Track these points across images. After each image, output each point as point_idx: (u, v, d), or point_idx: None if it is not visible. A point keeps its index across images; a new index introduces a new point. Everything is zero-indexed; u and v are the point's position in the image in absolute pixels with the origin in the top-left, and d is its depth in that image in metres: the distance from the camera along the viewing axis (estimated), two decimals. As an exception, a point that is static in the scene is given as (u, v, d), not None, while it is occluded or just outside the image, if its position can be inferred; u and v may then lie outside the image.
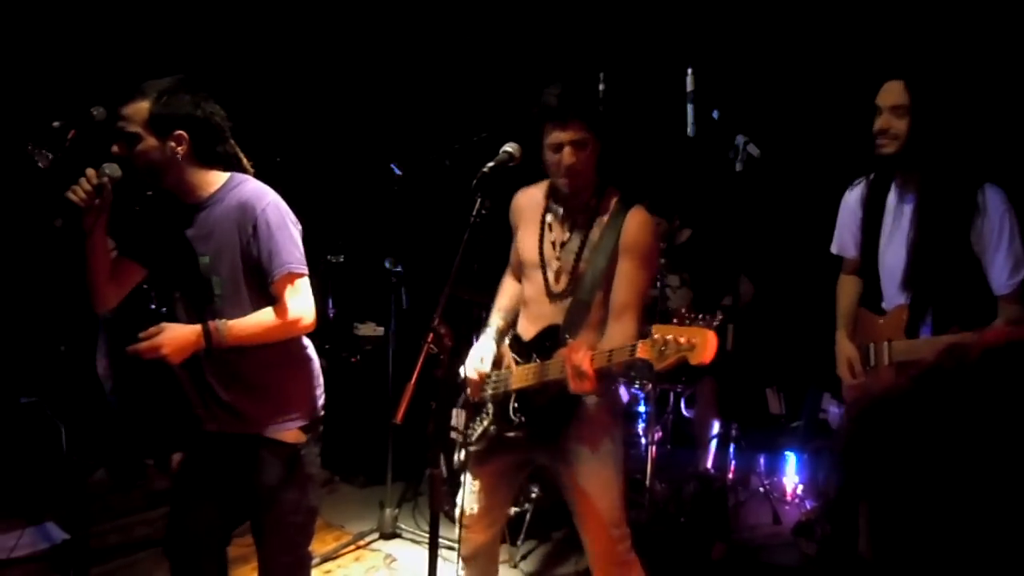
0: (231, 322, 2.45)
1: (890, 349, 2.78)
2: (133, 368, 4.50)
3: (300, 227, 2.58)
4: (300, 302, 2.49)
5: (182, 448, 4.41)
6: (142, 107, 2.41)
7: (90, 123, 2.78)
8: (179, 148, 2.45)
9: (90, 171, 2.41)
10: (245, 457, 2.59)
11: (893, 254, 2.83)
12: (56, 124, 2.76)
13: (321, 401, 2.74)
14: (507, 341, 2.86)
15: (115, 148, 2.45)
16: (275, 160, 5.53)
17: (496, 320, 2.94)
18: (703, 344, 2.14)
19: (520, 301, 2.89)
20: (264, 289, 2.49)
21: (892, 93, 2.71)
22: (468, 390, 2.84)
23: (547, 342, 2.67)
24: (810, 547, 4.08)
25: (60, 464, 3.57)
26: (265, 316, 2.48)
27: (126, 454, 4.73)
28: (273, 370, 2.58)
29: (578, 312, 2.65)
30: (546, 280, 2.73)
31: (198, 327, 2.43)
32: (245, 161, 2.66)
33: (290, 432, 2.60)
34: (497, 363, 2.83)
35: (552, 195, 2.77)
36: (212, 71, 4.70)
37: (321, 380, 2.75)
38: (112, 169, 2.42)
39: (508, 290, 3.01)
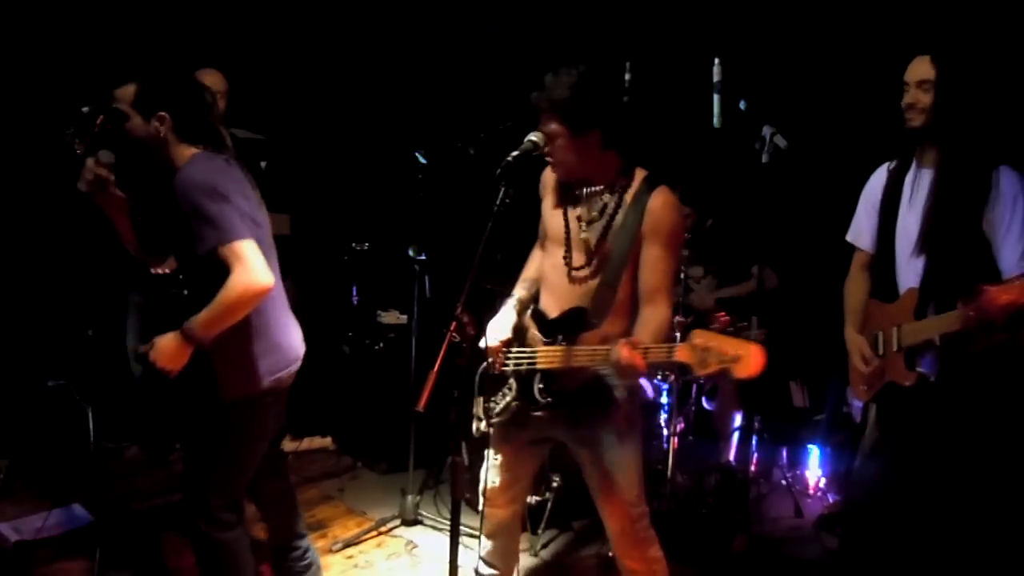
0: (196, 317, 2.60)
1: (899, 333, 2.77)
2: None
3: (245, 195, 2.71)
4: (241, 272, 2.57)
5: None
6: (130, 89, 2.68)
7: (119, 109, 2.82)
8: (162, 127, 2.68)
9: (89, 160, 2.70)
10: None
11: (909, 227, 2.82)
12: (85, 109, 2.82)
13: (267, 377, 2.80)
14: (529, 313, 2.85)
15: (102, 120, 2.70)
16: (302, 149, 5.58)
17: (519, 290, 2.94)
18: (750, 358, 2.13)
19: (543, 275, 2.89)
20: (205, 261, 2.62)
21: (919, 68, 2.74)
22: (489, 359, 2.83)
23: (574, 324, 2.65)
24: (832, 541, 4.06)
25: (86, 446, 3.62)
26: (218, 299, 2.58)
27: (156, 430, 4.80)
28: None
29: (604, 295, 2.64)
30: (567, 257, 2.72)
31: (177, 334, 2.61)
32: (227, 139, 2.84)
33: (224, 389, 2.75)
34: (519, 334, 2.83)
35: None
36: (238, 60, 4.74)
37: (268, 360, 2.81)
38: (106, 155, 2.73)
39: (535, 262, 3.00)
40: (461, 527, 2.46)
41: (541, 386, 2.69)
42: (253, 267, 2.57)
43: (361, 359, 5.28)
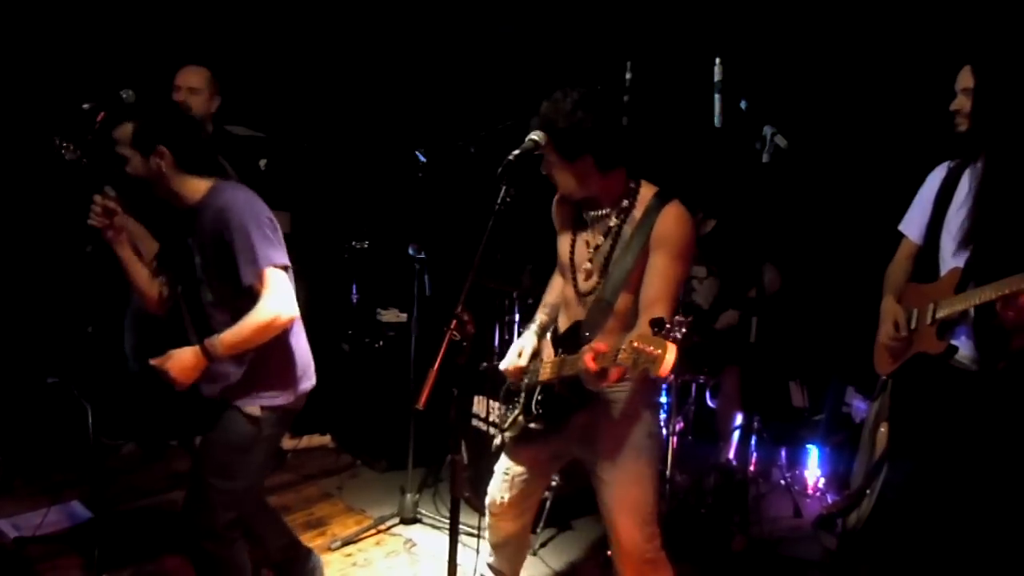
0: (221, 336, 2.64)
1: (935, 307, 2.77)
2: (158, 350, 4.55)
3: (275, 224, 2.75)
4: (273, 299, 2.64)
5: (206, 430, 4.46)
6: (127, 129, 2.66)
7: (120, 105, 2.83)
8: (162, 162, 2.67)
9: (97, 196, 2.73)
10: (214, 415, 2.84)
11: (958, 222, 2.82)
12: (86, 106, 2.82)
13: (293, 393, 2.88)
14: (549, 336, 2.87)
15: (103, 117, 2.78)
16: (303, 147, 5.58)
17: (539, 315, 2.96)
18: (661, 358, 2.08)
19: (562, 299, 2.90)
20: (243, 289, 2.66)
21: (963, 76, 2.76)
22: (509, 380, 2.88)
23: (572, 339, 2.67)
24: (831, 540, 4.06)
25: (85, 444, 3.62)
26: (246, 321, 2.64)
27: (153, 427, 4.80)
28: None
29: (600, 310, 2.63)
30: (575, 280, 2.73)
31: (197, 348, 2.65)
32: (228, 168, 2.89)
33: (250, 407, 2.78)
34: (538, 355, 2.86)
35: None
36: (237, 58, 4.74)
37: (299, 376, 2.90)
38: (111, 189, 2.76)
39: (554, 288, 3.01)
40: (460, 525, 2.47)
41: (539, 398, 2.71)
42: (283, 297, 2.66)
43: (361, 357, 5.28)
